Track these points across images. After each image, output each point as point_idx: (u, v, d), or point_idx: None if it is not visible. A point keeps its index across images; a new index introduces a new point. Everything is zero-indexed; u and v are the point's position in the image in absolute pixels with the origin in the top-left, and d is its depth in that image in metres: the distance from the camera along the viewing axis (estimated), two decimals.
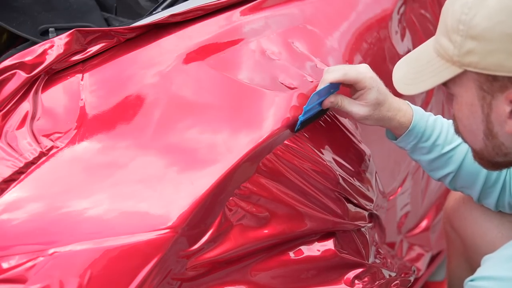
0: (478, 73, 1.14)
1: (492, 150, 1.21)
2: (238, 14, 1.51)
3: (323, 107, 1.38)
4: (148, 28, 1.41)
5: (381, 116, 1.39)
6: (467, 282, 1.18)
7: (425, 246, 2.13)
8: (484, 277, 1.14)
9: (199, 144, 1.24)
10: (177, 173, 1.20)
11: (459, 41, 1.14)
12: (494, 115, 1.16)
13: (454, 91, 1.20)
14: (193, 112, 1.29)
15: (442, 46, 1.18)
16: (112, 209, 1.14)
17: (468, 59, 1.14)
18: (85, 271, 1.07)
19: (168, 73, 1.34)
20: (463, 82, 1.17)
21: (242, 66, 1.40)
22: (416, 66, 1.24)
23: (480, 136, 1.20)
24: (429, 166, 1.49)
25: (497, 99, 1.14)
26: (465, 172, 1.46)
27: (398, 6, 1.85)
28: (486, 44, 1.11)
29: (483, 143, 1.21)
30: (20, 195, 1.14)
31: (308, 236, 1.35)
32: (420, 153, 1.46)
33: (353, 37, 1.64)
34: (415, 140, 1.44)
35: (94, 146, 1.22)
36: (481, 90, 1.15)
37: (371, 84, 1.37)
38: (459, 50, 1.14)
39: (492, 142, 1.20)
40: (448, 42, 1.16)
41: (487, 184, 1.47)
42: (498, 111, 1.15)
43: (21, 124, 1.22)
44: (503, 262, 1.14)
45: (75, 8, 1.75)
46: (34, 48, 1.30)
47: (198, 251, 1.17)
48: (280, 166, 1.28)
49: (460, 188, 1.52)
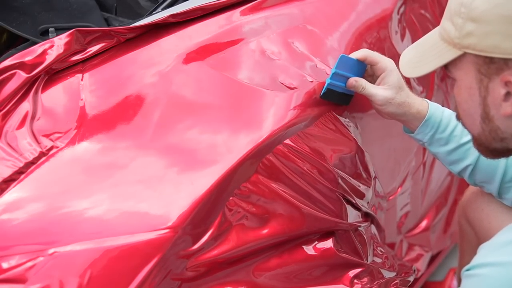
0: (476, 55, 1.17)
1: (489, 135, 1.23)
2: (238, 14, 1.51)
3: (348, 85, 1.43)
4: (148, 28, 1.41)
5: (402, 101, 1.43)
6: (464, 272, 1.17)
7: (425, 246, 2.12)
8: (481, 265, 1.14)
9: (199, 144, 1.24)
10: (177, 173, 1.20)
11: (460, 24, 1.17)
12: (491, 98, 1.19)
13: (455, 75, 1.23)
14: (193, 112, 1.29)
15: (445, 29, 1.21)
16: (112, 209, 1.14)
17: (467, 41, 1.16)
18: (85, 271, 1.07)
19: (168, 73, 1.34)
20: (463, 64, 1.20)
21: (242, 66, 1.41)
22: (421, 50, 1.28)
23: (478, 120, 1.23)
24: (448, 159, 1.51)
25: (493, 81, 1.17)
26: (484, 164, 1.49)
27: (398, 6, 1.85)
28: (484, 26, 1.14)
29: (481, 128, 1.23)
30: (20, 195, 1.14)
31: (308, 236, 1.34)
32: (438, 144, 1.49)
33: (353, 37, 1.64)
34: (432, 131, 1.47)
35: (94, 146, 1.22)
36: (479, 72, 1.18)
37: (392, 66, 1.44)
38: (460, 32, 1.17)
39: (488, 126, 1.22)
40: (451, 25, 1.19)
41: (506, 178, 1.48)
42: (494, 93, 1.18)
43: (21, 124, 1.22)
44: (499, 248, 1.15)
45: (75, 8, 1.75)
46: (34, 48, 1.30)
47: (198, 251, 1.17)
48: (280, 165, 1.28)
49: (480, 183, 1.54)
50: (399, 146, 1.79)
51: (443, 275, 2.29)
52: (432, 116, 1.46)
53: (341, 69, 1.41)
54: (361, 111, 1.55)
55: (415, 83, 1.84)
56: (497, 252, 1.14)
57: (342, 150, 1.42)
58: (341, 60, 1.41)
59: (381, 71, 1.45)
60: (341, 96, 1.45)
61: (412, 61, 1.29)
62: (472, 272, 1.14)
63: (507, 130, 1.21)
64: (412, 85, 1.81)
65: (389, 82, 1.44)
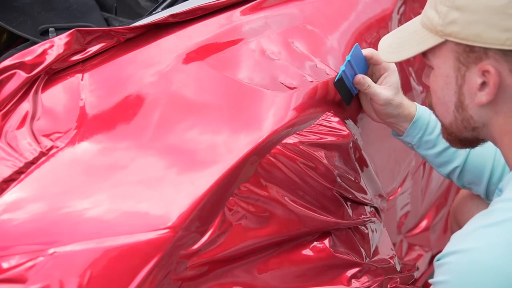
0: (457, 43, 1.19)
1: (461, 123, 1.25)
2: (238, 14, 1.51)
3: (355, 81, 1.45)
4: (148, 28, 1.41)
5: (399, 102, 1.46)
6: (435, 262, 1.18)
7: (425, 246, 2.13)
8: (449, 253, 1.15)
9: (199, 144, 1.24)
10: (177, 173, 1.20)
11: (445, 11, 1.19)
12: (466, 86, 1.21)
13: (432, 63, 1.25)
14: (193, 112, 1.29)
15: (428, 17, 1.23)
16: (112, 209, 1.14)
17: (450, 29, 1.18)
18: (85, 271, 1.07)
19: (168, 73, 1.34)
20: (442, 52, 1.22)
21: (242, 66, 1.41)
22: (401, 36, 1.30)
23: (451, 108, 1.24)
24: (436, 161, 1.52)
25: (471, 70, 1.19)
26: (471, 166, 1.50)
27: (398, 6, 1.85)
28: (469, 14, 1.16)
29: (453, 116, 1.25)
30: (20, 195, 1.14)
31: (306, 236, 1.34)
32: (426, 147, 1.50)
33: (353, 37, 1.64)
34: (420, 133, 1.48)
35: (94, 146, 1.22)
36: (458, 61, 1.20)
37: (394, 67, 1.48)
38: (443, 20, 1.19)
39: (461, 114, 1.23)
40: (434, 13, 1.21)
41: (493, 179, 1.49)
42: (470, 82, 1.20)
43: (21, 124, 1.22)
44: (466, 235, 1.15)
45: (75, 8, 1.75)
46: (34, 48, 1.30)
47: (198, 250, 1.16)
48: (279, 165, 1.28)
49: (468, 185, 1.55)
50: (399, 146, 1.78)
51: None
52: (420, 118, 1.48)
53: (353, 59, 1.43)
54: (361, 112, 1.55)
55: (415, 83, 1.84)
56: (464, 239, 1.15)
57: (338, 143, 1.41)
58: (355, 50, 1.44)
59: (384, 70, 1.47)
60: (346, 91, 1.46)
61: (392, 46, 1.31)
62: (441, 261, 1.16)
63: (479, 120, 1.22)
64: (412, 86, 1.81)
65: (390, 82, 1.46)
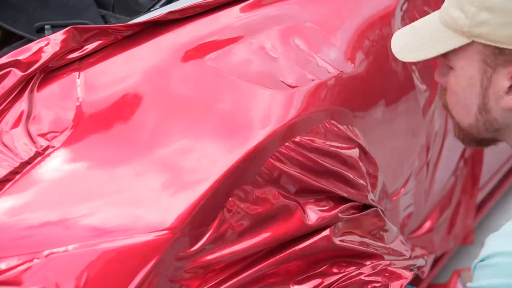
0: (485, 45, 1.16)
1: (482, 125, 1.23)
2: (238, 11, 1.50)
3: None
4: (145, 26, 1.40)
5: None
6: (476, 263, 1.16)
7: (428, 248, 2.12)
8: (494, 254, 1.13)
9: (198, 143, 1.23)
10: (176, 173, 1.19)
11: (473, 12, 1.16)
12: (492, 89, 1.18)
13: (454, 63, 1.22)
14: (191, 111, 1.28)
15: (451, 16, 1.20)
16: (109, 210, 1.13)
17: (478, 30, 1.16)
18: (81, 274, 1.06)
19: (166, 71, 1.33)
20: (467, 54, 1.19)
21: (242, 64, 1.40)
22: (421, 34, 1.26)
23: (473, 110, 1.22)
24: None
25: (498, 73, 1.17)
26: None
27: (401, 3, 1.84)
28: (501, 16, 1.13)
29: (475, 118, 1.23)
30: (15, 195, 1.13)
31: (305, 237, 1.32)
32: None
33: (355, 34, 1.63)
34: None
35: (90, 146, 1.21)
36: (484, 63, 1.17)
37: None
38: (471, 21, 1.16)
39: (484, 117, 1.21)
40: (460, 13, 1.18)
41: None
42: (496, 85, 1.17)
43: (16, 124, 1.21)
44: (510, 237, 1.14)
45: (71, 5, 1.75)
46: (29, 45, 1.29)
47: (197, 252, 1.16)
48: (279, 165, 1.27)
49: None
50: (402, 146, 1.78)
51: (447, 277, 2.30)
52: None
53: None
54: (362, 110, 1.53)
55: (418, 81, 1.83)
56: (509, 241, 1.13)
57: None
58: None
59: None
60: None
61: (411, 44, 1.27)
62: (486, 262, 1.14)
63: (503, 121, 1.21)
64: (414, 84, 1.80)
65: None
